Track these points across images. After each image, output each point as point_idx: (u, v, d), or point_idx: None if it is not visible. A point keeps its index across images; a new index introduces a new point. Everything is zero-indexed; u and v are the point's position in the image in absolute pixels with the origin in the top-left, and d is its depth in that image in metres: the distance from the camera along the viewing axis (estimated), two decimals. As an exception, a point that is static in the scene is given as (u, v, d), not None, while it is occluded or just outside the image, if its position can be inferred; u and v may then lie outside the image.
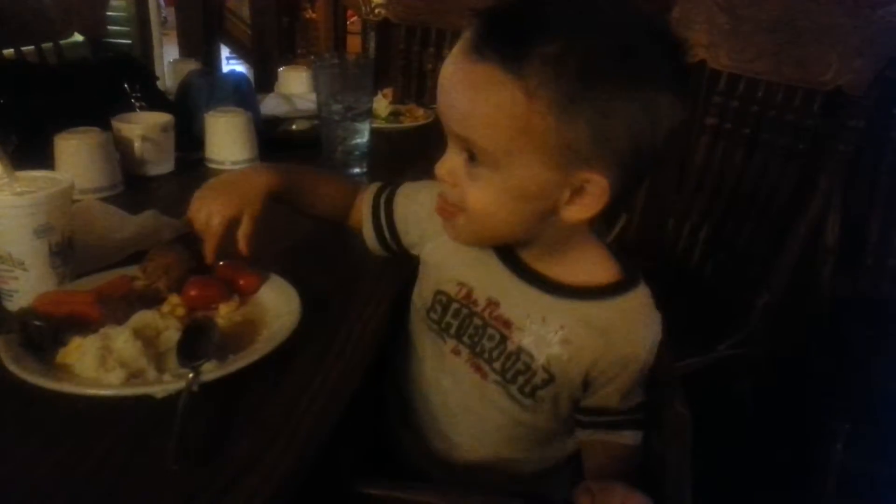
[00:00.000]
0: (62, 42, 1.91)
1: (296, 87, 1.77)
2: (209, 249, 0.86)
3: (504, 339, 0.81)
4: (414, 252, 0.91)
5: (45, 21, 1.83)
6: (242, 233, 0.87)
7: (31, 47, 1.83)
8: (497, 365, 0.82)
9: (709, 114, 1.61)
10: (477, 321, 0.82)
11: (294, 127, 1.52)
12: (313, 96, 1.51)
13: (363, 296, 0.90)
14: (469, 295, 0.83)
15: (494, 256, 0.82)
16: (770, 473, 1.54)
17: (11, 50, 1.75)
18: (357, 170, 1.32)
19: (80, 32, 1.97)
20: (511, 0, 0.72)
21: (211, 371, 0.70)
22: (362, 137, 1.31)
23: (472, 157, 0.73)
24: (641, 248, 1.68)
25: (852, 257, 1.64)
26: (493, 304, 0.82)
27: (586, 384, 0.81)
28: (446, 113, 0.74)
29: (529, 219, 0.75)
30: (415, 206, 0.90)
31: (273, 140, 1.42)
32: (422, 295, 0.88)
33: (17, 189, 0.82)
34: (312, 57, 1.36)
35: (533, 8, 0.71)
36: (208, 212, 0.86)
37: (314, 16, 4.59)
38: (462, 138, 0.73)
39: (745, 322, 1.41)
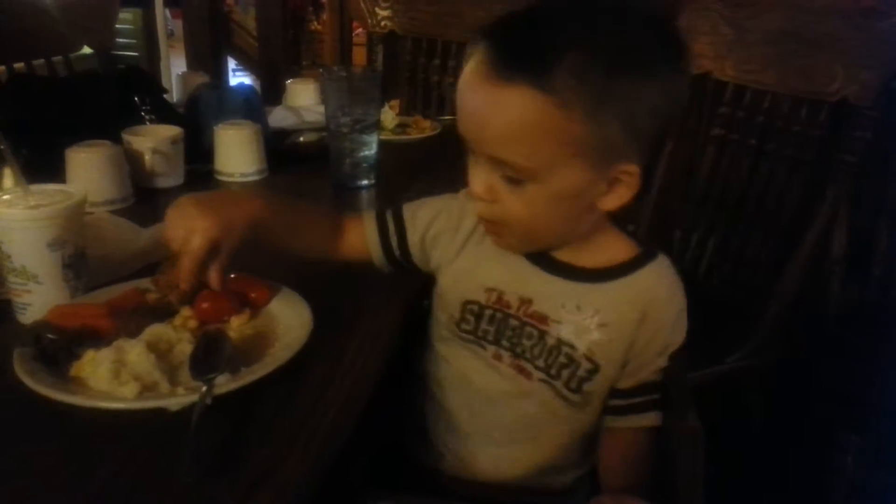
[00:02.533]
0: (71, 55, 1.92)
1: (303, 99, 1.77)
2: (186, 271, 0.77)
3: (542, 334, 0.81)
4: (427, 269, 0.89)
5: (55, 35, 1.84)
6: (217, 265, 0.78)
7: (42, 61, 1.85)
8: (540, 362, 0.82)
9: (715, 125, 1.61)
10: (513, 322, 0.82)
11: (302, 139, 1.53)
12: (321, 108, 1.52)
13: (374, 307, 0.90)
14: (500, 299, 0.83)
15: (519, 256, 0.82)
16: (779, 483, 1.53)
17: (22, 63, 1.76)
18: (365, 182, 1.33)
19: (90, 46, 1.98)
20: (519, 16, 0.72)
21: (224, 384, 0.70)
22: (370, 149, 1.32)
23: (510, 175, 0.73)
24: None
25: (860, 267, 1.64)
26: (525, 302, 0.82)
27: (624, 365, 0.82)
28: (477, 137, 0.74)
29: (571, 217, 0.78)
30: (433, 231, 0.87)
31: (281, 152, 1.43)
32: (448, 309, 0.86)
33: (30, 203, 0.82)
34: (321, 69, 1.36)
35: (545, 21, 0.71)
36: (188, 229, 0.76)
37: (319, 27, 4.62)
38: (498, 160, 0.73)
39: (753, 333, 1.41)
